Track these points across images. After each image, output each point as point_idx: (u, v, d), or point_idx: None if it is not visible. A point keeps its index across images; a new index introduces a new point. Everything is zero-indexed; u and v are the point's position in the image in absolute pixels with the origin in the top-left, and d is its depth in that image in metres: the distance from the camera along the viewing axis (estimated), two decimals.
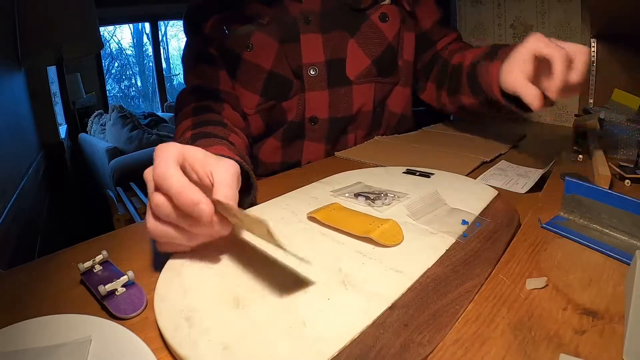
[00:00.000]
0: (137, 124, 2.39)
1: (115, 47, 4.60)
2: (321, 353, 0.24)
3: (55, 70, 1.59)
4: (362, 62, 0.71)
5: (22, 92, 1.41)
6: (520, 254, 0.36)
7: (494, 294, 0.30)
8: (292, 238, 0.38)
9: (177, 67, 5.10)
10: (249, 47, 0.68)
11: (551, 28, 0.97)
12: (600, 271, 0.33)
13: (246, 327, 0.27)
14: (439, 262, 0.34)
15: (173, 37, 5.01)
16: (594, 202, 0.39)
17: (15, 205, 0.94)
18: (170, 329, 0.27)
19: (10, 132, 1.11)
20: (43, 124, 1.56)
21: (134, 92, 4.90)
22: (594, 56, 0.90)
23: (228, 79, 0.71)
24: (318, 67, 0.69)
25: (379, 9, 0.71)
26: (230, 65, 0.70)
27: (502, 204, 0.45)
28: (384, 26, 0.71)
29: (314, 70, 0.69)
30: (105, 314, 0.31)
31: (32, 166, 1.28)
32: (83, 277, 0.34)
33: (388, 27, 0.72)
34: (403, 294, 0.30)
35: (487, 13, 1.08)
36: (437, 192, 0.45)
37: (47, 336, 0.27)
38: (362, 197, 0.46)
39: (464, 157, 0.65)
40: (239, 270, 0.33)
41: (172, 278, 0.32)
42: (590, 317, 0.27)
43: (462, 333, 0.26)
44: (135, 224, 0.54)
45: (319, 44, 0.69)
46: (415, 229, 0.39)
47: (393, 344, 0.25)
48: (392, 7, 0.72)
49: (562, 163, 0.62)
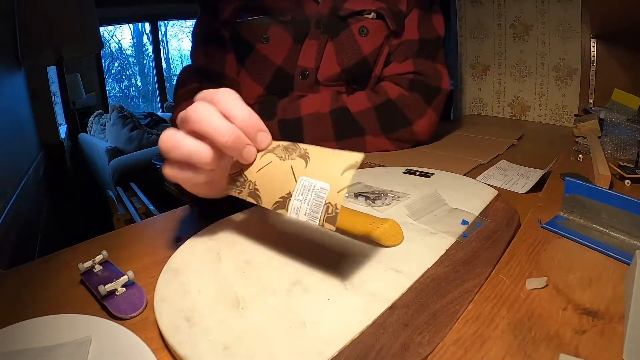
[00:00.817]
0: (137, 124, 2.39)
1: (115, 47, 4.60)
2: (321, 353, 0.24)
3: (55, 70, 1.59)
4: (332, 68, 0.70)
5: (22, 92, 1.41)
6: (520, 254, 0.36)
7: (494, 294, 0.30)
8: (292, 238, 0.38)
9: (177, 67, 5.10)
10: (264, 39, 0.68)
11: (551, 28, 0.97)
12: (600, 271, 0.33)
13: (246, 327, 0.27)
14: (439, 262, 0.34)
15: (173, 37, 5.02)
16: (594, 202, 0.39)
17: (15, 205, 0.94)
18: (170, 329, 0.27)
19: (10, 132, 1.11)
20: (43, 124, 1.56)
21: (134, 92, 4.90)
22: (594, 56, 0.90)
23: (235, 65, 0.70)
24: (309, 72, 0.69)
25: (361, 21, 0.69)
26: (241, 52, 0.70)
27: (502, 204, 0.45)
28: (361, 39, 0.69)
29: (306, 73, 0.69)
30: (105, 314, 0.31)
31: (32, 166, 1.28)
32: (83, 277, 0.34)
33: (366, 41, 0.69)
34: (403, 294, 0.30)
35: (487, 13, 1.08)
36: (437, 192, 0.45)
37: (47, 336, 0.27)
38: (362, 197, 0.46)
39: (461, 160, 0.65)
40: (239, 270, 0.33)
41: (172, 278, 0.32)
42: (590, 317, 0.27)
43: (462, 333, 0.26)
44: (135, 223, 0.54)
45: (317, 48, 0.69)
46: (415, 229, 0.39)
47: (393, 344, 0.25)
48: (376, 22, 0.69)
49: (562, 163, 0.62)
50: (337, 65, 0.70)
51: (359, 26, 0.69)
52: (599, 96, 0.90)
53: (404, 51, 0.70)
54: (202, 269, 0.33)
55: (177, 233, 0.43)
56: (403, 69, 0.70)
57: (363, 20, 0.69)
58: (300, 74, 0.70)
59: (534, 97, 1.05)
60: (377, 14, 0.69)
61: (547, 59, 1.00)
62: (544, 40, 0.99)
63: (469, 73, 1.16)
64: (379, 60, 0.71)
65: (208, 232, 0.40)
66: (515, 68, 1.06)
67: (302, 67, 0.69)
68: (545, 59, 1.00)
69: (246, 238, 0.38)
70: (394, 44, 0.70)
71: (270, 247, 0.36)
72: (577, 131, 0.77)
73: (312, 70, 0.69)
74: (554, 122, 1.02)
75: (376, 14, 0.68)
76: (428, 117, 0.70)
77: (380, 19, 0.69)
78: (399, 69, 0.70)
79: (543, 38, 0.99)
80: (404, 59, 0.70)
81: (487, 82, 1.13)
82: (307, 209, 0.29)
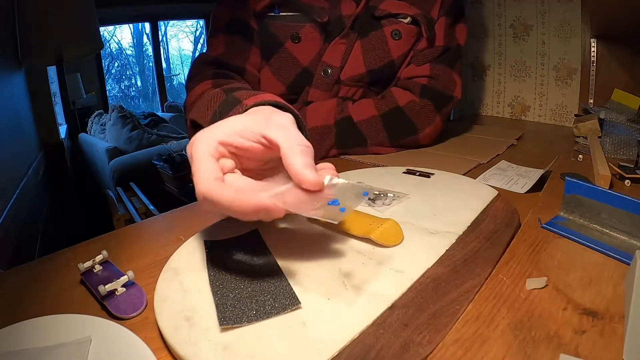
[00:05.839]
0: (137, 124, 2.39)
1: (115, 47, 4.59)
2: (321, 353, 0.24)
3: (55, 70, 1.59)
4: (358, 68, 0.69)
5: (22, 92, 1.40)
6: (520, 254, 0.36)
7: (494, 294, 0.30)
8: (292, 238, 0.38)
9: (177, 67, 5.10)
10: (295, 39, 0.67)
11: (551, 28, 0.97)
12: (600, 271, 0.33)
13: (246, 327, 0.27)
14: (439, 262, 0.34)
15: (173, 37, 5.01)
16: (594, 202, 0.39)
17: (15, 205, 0.93)
18: (170, 329, 0.27)
19: (10, 132, 1.11)
20: (43, 124, 1.56)
21: (134, 92, 4.90)
22: (594, 56, 0.90)
23: (258, 60, 0.68)
24: (333, 70, 0.68)
25: (395, 24, 0.68)
26: (267, 47, 0.67)
27: (502, 204, 0.45)
28: (393, 43, 0.68)
29: (329, 70, 0.68)
30: (105, 314, 0.31)
31: (32, 166, 1.28)
32: (83, 277, 0.34)
33: (397, 45, 0.69)
34: (403, 294, 0.30)
35: (487, 13, 1.08)
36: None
37: (47, 336, 0.27)
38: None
39: (461, 160, 0.65)
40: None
41: (172, 278, 0.32)
42: (590, 317, 0.27)
43: (462, 333, 0.26)
44: (135, 223, 0.54)
45: (345, 47, 0.68)
46: (415, 229, 0.39)
47: (393, 344, 0.25)
48: (409, 27, 0.68)
49: (562, 163, 0.62)
50: (364, 66, 0.69)
51: (392, 29, 0.68)
52: (599, 96, 0.90)
53: (425, 55, 0.70)
54: (202, 269, 0.33)
55: (177, 233, 0.43)
56: (420, 72, 0.70)
57: (397, 24, 0.68)
58: (323, 70, 0.68)
59: (534, 97, 1.05)
60: (413, 20, 0.68)
61: (547, 59, 1.00)
62: (544, 40, 0.99)
63: (469, 73, 1.16)
64: (404, 64, 0.71)
65: (208, 232, 0.40)
66: (515, 68, 1.06)
67: (327, 63, 0.68)
68: (545, 59, 1.00)
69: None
70: (418, 49, 0.70)
71: (270, 247, 0.36)
72: (577, 131, 0.77)
73: (336, 68, 0.68)
74: (554, 122, 1.02)
75: (412, 19, 0.68)
76: (435, 125, 0.70)
77: (415, 25, 0.68)
78: (416, 72, 0.70)
79: (543, 38, 0.99)
80: (422, 62, 0.70)
81: (487, 82, 1.13)
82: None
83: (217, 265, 0.33)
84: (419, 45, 0.70)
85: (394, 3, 0.68)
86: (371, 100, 0.69)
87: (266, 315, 0.27)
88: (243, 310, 0.28)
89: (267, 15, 0.67)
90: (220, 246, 0.37)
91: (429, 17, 0.68)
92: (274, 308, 0.28)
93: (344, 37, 0.68)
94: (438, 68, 0.70)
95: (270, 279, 0.31)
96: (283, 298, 0.29)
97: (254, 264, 0.34)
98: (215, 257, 0.35)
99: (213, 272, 0.32)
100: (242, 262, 0.34)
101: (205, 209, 0.29)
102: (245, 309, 0.28)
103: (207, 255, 0.35)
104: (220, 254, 0.35)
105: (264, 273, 0.32)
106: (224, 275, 0.32)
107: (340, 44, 0.68)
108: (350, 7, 0.67)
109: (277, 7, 0.67)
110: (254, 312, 0.27)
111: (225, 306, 0.28)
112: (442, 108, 0.70)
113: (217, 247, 0.36)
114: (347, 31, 0.67)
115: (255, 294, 0.29)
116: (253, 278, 0.31)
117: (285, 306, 0.28)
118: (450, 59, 0.71)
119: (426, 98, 0.68)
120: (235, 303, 0.28)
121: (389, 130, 0.68)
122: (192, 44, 5.11)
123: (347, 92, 0.71)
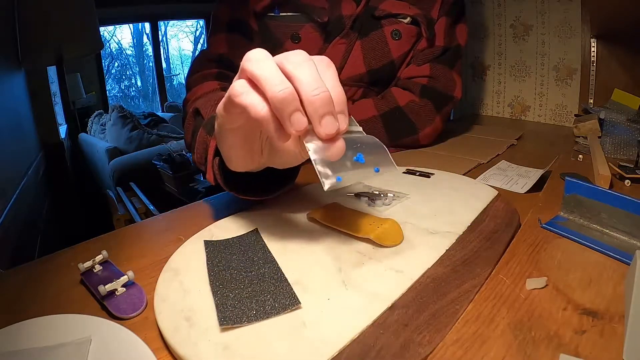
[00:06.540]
0: (137, 124, 2.39)
1: (115, 47, 4.59)
2: (321, 353, 0.24)
3: (55, 70, 1.59)
4: (358, 68, 0.69)
5: (22, 92, 1.41)
6: (520, 254, 0.36)
7: (494, 294, 0.30)
8: (292, 238, 0.38)
9: (177, 67, 5.10)
10: (295, 39, 0.67)
11: (551, 28, 0.97)
12: (600, 271, 0.33)
13: (246, 327, 0.27)
14: (439, 262, 0.34)
15: (173, 37, 5.01)
16: (594, 202, 0.39)
17: (15, 205, 0.93)
18: (170, 329, 0.27)
19: (10, 132, 1.11)
20: (43, 124, 1.56)
21: (134, 92, 4.90)
22: (594, 56, 0.90)
23: None
24: None
25: (395, 24, 0.68)
26: (267, 47, 0.67)
27: (502, 204, 0.45)
28: (393, 43, 0.69)
29: None
30: (105, 314, 0.31)
31: (32, 166, 1.28)
32: (83, 277, 0.34)
33: (397, 45, 0.69)
34: (403, 294, 0.30)
35: (487, 13, 1.08)
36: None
37: (47, 336, 0.27)
38: (362, 197, 0.46)
39: (461, 160, 0.65)
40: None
41: (172, 278, 0.32)
42: (590, 317, 0.27)
43: (462, 333, 0.26)
44: (135, 223, 0.54)
45: (345, 47, 0.68)
46: (415, 229, 0.39)
47: (393, 344, 0.25)
48: (409, 27, 0.68)
49: (562, 163, 0.62)
50: (364, 66, 0.69)
51: (392, 29, 0.68)
52: (599, 96, 0.90)
53: (425, 55, 0.70)
54: (202, 269, 0.33)
55: (177, 233, 0.43)
56: (420, 72, 0.70)
57: (397, 24, 0.68)
58: None
59: (534, 97, 1.05)
60: (413, 20, 0.68)
61: (547, 59, 1.00)
62: (544, 40, 0.99)
63: (469, 73, 1.16)
64: (404, 64, 0.72)
65: (208, 232, 0.40)
66: (515, 68, 1.06)
67: None
68: (545, 59, 1.00)
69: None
70: (419, 49, 0.70)
71: (270, 246, 0.36)
72: (577, 131, 0.77)
73: (336, 69, 0.68)
74: (554, 122, 1.02)
75: (412, 19, 0.68)
76: (435, 125, 0.70)
77: (414, 25, 0.68)
78: (416, 72, 0.70)
79: (543, 38, 0.99)
80: (422, 62, 0.70)
81: (487, 82, 1.13)
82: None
83: (217, 265, 0.33)
84: (419, 46, 0.71)
85: (394, 3, 0.68)
86: (371, 100, 0.69)
87: (266, 315, 0.27)
88: (243, 310, 0.28)
89: (267, 15, 0.67)
90: (220, 246, 0.37)
91: (429, 17, 0.69)
92: (274, 308, 0.28)
93: (344, 37, 0.68)
94: (438, 68, 0.70)
95: (270, 279, 0.31)
96: (283, 298, 0.29)
97: (254, 263, 0.34)
98: (215, 257, 0.35)
99: (213, 272, 0.32)
100: (242, 262, 0.34)
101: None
102: (245, 309, 0.28)
103: (207, 255, 0.35)
104: (220, 253, 0.35)
105: (264, 273, 0.32)
106: (224, 275, 0.32)
107: (340, 44, 0.68)
108: (351, 7, 0.67)
109: (277, 7, 0.67)
110: (254, 312, 0.27)
111: (225, 306, 0.28)
112: (442, 108, 0.70)
113: (217, 247, 0.36)
114: (347, 31, 0.67)
115: (255, 294, 0.29)
116: (253, 278, 0.31)
117: (285, 306, 0.28)
118: (450, 59, 0.71)
119: (426, 98, 0.68)
120: (235, 303, 0.28)
121: (389, 130, 0.68)
122: (192, 44, 5.11)
123: (347, 92, 0.70)
